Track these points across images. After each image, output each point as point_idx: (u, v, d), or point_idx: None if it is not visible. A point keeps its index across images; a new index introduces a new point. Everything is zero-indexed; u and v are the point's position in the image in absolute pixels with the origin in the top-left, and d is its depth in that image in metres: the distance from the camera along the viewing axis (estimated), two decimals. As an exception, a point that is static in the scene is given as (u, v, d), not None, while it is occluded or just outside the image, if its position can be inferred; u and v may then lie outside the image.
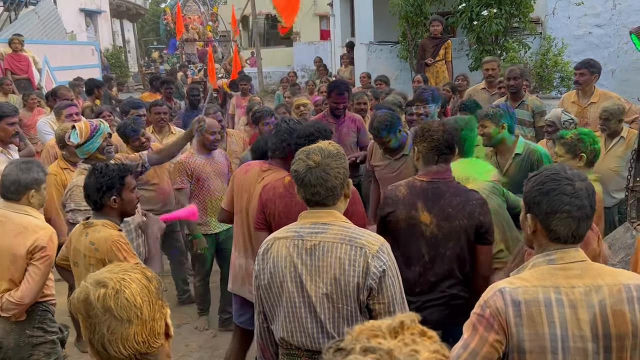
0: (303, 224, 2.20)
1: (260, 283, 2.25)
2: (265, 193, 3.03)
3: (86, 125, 3.66)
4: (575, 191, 1.73)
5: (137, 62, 26.58)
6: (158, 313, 1.41)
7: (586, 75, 5.40)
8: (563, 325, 1.69)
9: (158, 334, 1.41)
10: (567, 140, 3.21)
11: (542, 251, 1.80)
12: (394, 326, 0.92)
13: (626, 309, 1.68)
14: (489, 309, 1.74)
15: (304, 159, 2.14)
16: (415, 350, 0.86)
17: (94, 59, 15.95)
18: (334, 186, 2.13)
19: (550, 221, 1.74)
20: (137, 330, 1.37)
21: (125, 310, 1.35)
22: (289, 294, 2.17)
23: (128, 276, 1.40)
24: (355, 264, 2.08)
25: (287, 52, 25.09)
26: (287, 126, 3.27)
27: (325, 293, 2.12)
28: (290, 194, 2.96)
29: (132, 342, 1.36)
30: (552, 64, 8.63)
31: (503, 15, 8.58)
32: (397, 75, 10.63)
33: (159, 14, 25.16)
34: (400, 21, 10.08)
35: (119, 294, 1.36)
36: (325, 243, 2.12)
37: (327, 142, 2.25)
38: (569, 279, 1.72)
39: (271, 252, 2.22)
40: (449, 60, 8.65)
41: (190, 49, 19.02)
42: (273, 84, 18.45)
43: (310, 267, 2.13)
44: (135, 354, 1.38)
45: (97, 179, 2.80)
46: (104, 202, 2.82)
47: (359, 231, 2.16)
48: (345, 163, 2.19)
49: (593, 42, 9.78)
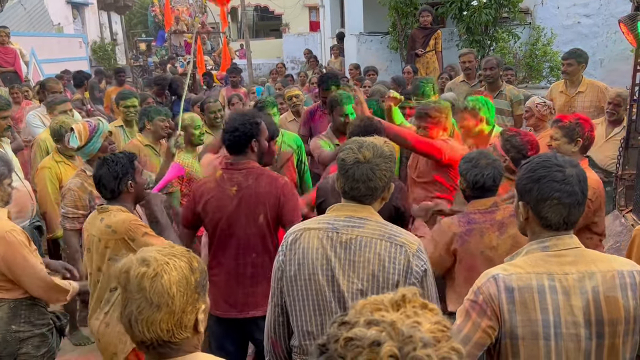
0: (337, 216, 2.13)
1: (284, 274, 2.17)
2: (198, 188, 3.05)
3: (84, 126, 3.54)
4: (565, 178, 1.74)
5: (125, 55, 26.37)
6: (190, 306, 1.42)
7: (573, 65, 5.46)
8: (556, 311, 1.70)
9: (185, 326, 1.42)
10: (565, 124, 3.20)
11: (535, 238, 1.81)
12: (396, 299, 0.94)
13: (619, 295, 1.70)
14: (482, 295, 1.75)
15: (355, 151, 2.05)
16: (418, 322, 0.88)
17: (81, 52, 15.80)
18: (376, 187, 2.05)
19: (541, 208, 1.75)
20: (164, 317, 1.39)
21: (157, 295, 1.37)
22: (318, 287, 2.10)
23: (173, 262, 1.41)
24: (395, 261, 2.03)
25: (277, 44, 24.98)
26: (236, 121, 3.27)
27: (360, 289, 2.06)
28: (221, 188, 2.96)
29: (156, 327, 1.38)
30: (542, 54, 8.69)
31: (492, 6, 8.61)
32: (387, 66, 10.63)
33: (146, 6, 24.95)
34: (390, 12, 10.08)
35: (157, 278, 1.38)
36: (362, 238, 2.06)
37: (384, 140, 2.17)
38: (562, 266, 1.74)
39: (300, 243, 2.13)
40: (439, 51, 8.67)
41: (179, 40, 18.88)
42: (263, 76, 18.36)
43: (344, 262, 2.07)
44: (157, 340, 1.40)
45: (111, 168, 2.86)
46: (122, 189, 2.88)
47: (396, 229, 2.11)
48: (393, 166, 2.11)
49: (582, 32, 9.84)
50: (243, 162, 2.99)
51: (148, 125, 4.54)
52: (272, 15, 30.23)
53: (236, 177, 2.96)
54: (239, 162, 3.00)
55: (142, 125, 4.63)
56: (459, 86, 6.41)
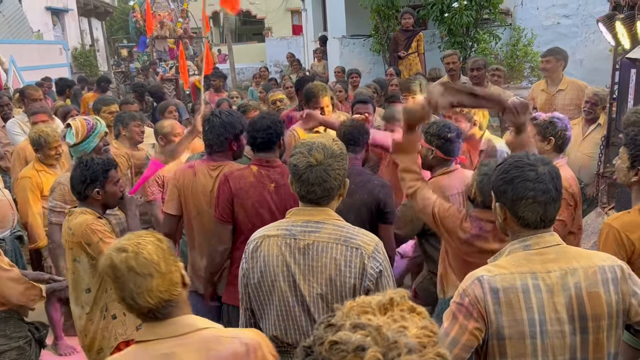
0: (294, 221, 2.14)
1: (249, 281, 2.20)
2: (234, 183, 3.00)
3: (82, 124, 3.51)
4: (538, 176, 1.76)
5: (106, 61, 26.16)
6: (173, 266, 1.65)
7: (552, 63, 5.52)
8: (540, 309, 1.72)
9: (176, 283, 1.65)
10: (539, 121, 3.25)
11: (516, 237, 1.83)
12: (383, 302, 0.93)
13: (601, 290, 1.72)
14: (467, 298, 1.76)
15: (306, 155, 2.06)
16: (404, 327, 0.88)
17: (62, 58, 15.64)
18: (331, 187, 2.06)
19: (517, 208, 1.77)
20: (159, 282, 1.60)
21: (145, 267, 1.59)
22: (281, 293, 2.13)
23: (142, 240, 1.64)
24: (351, 265, 2.04)
25: (260, 48, 24.96)
26: (220, 120, 3.26)
27: (320, 293, 2.08)
28: (261, 183, 2.99)
29: (155, 292, 1.59)
30: (522, 54, 8.77)
31: (473, 7, 8.67)
32: (370, 68, 10.66)
33: (127, 12, 24.77)
34: (372, 15, 10.10)
35: (138, 255, 1.60)
36: (319, 243, 2.07)
37: (332, 138, 2.17)
38: (544, 264, 1.75)
39: (261, 250, 2.15)
40: (421, 53, 8.71)
41: (161, 46, 18.76)
42: (246, 80, 18.34)
43: (303, 267, 2.09)
44: (160, 302, 1.61)
45: (82, 172, 2.92)
46: (88, 194, 2.93)
47: (353, 230, 2.12)
48: (346, 164, 2.13)
49: (561, 32, 9.95)
50: (275, 159, 3.09)
51: (123, 131, 4.50)
52: (254, 19, 30.18)
53: (272, 174, 3.02)
54: (272, 159, 3.08)
55: (117, 132, 4.59)
56: None
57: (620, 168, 2.57)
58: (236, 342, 1.64)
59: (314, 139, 2.16)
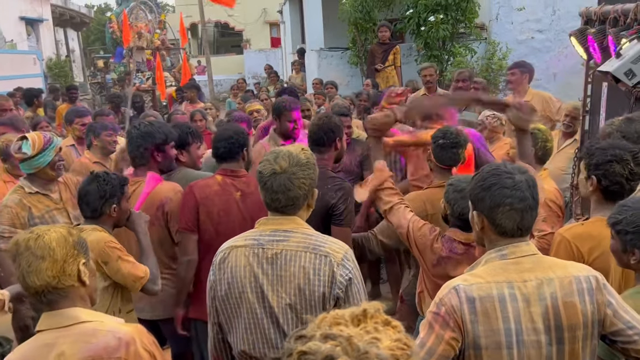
0: (262, 230, 2.11)
1: (216, 294, 2.15)
2: (199, 191, 2.98)
3: (39, 137, 3.37)
4: (515, 184, 1.76)
5: (82, 72, 25.86)
6: (71, 258, 1.76)
7: (517, 75, 5.62)
8: (517, 319, 1.71)
9: (69, 275, 1.75)
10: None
11: (493, 247, 1.82)
12: (357, 314, 0.91)
13: (577, 300, 1.72)
14: (444, 307, 1.74)
15: (271, 162, 2.05)
16: (377, 338, 0.86)
17: (35, 68, 15.38)
18: (296, 196, 2.04)
19: (495, 215, 1.77)
20: (49, 266, 1.72)
21: (40, 249, 1.72)
22: (249, 305, 2.08)
23: (54, 229, 1.78)
24: (320, 273, 2.01)
25: (238, 60, 24.96)
26: (138, 131, 3.22)
27: (289, 303, 2.04)
28: (227, 191, 2.97)
29: (43, 274, 1.72)
30: (497, 68, 8.91)
31: (449, 21, 8.80)
32: (348, 81, 10.72)
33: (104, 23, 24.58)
34: (349, 28, 10.19)
35: (39, 238, 1.74)
36: (287, 252, 2.04)
37: (300, 147, 2.15)
38: (521, 273, 1.75)
39: (229, 261, 2.11)
40: (397, 66, 8.79)
41: (139, 57, 18.62)
42: (224, 92, 18.27)
43: (271, 277, 2.05)
44: (46, 286, 1.73)
45: (101, 186, 2.77)
46: (104, 210, 2.79)
47: (322, 238, 2.09)
48: (313, 173, 2.10)
49: (535, 47, 10.13)
50: (239, 169, 3.09)
51: (95, 141, 4.43)
52: (232, 31, 30.22)
53: (238, 183, 3.03)
54: (237, 169, 3.08)
55: (89, 142, 4.51)
56: (420, 100, 6.49)
57: (580, 180, 2.56)
58: (109, 336, 1.74)
59: (284, 147, 2.14)
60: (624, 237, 2.05)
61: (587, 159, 2.45)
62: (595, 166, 2.39)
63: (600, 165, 2.37)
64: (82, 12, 27.73)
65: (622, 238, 2.05)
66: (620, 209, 2.09)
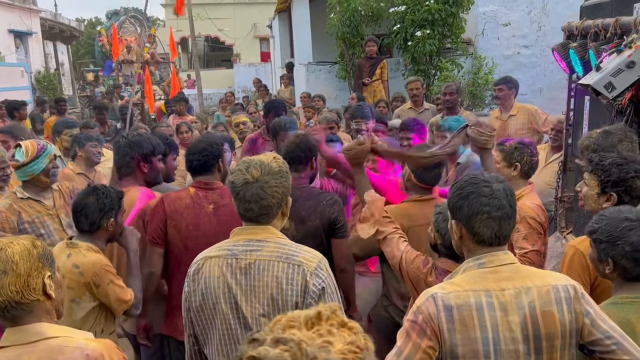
0: (236, 240, 2.10)
1: (190, 305, 2.13)
2: (169, 204, 2.92)
3: (32, 144, 3.39)
4: (493, 192, 1.77)
5: (71, 85, 25.81)
6: (35, 271, 1.70)
7: (504, 91, 5.71)
8: (494, 328, 1.70)
9: (33, 289, 1.69)
10: (505, 147, 3.24)
11: (471, 255, 1.82)
12: (311, 316, 0.91)
13: (555, 309, 1.71)
14: (421, 315, 1.73)
15: (243, 172, 2.04)
16: (329, 342, 0.85)
17: (23, 81, 15.34)
18: (269, 205, 2.03)
19: (473, 223, 1.78)
20: (12, 280, 1.66)
21: (3, 263, 1.66)
22: (223, 315, 2.06)
23: (17, 241, 1.72)
24: (293, 282, 2.00)
25: (228, 74, 25.04)
26: (126, 141, 3.21)
27: (262, 314, 2.02)
28: (198, 205, 2.91)
29: (6, 289, 1.65)
30: (484, 82, 9.00)
31: (436, 36, 8.89)
32: (336, 94, 10.78)
33: (94, 36, 24.60)
34: (337, 42, 10.27)
35: (2, 251, 1.68)
36: (261, 261, 2.02)
37: (272, 156, 2.13)
38: (499, 282, 1.74)
39: (202, 272, 2.09)
40: (385, 80, 8.85)
41: (128, 70, 18.64)
42: (213, 106, 18.30)
43: (245, 287, 2.03)
44: (9, 301, 1.66)
45: (100, 199, 2.73)
46: (102, 224, 2.74)
47: (295, 248, 2.07)
48: (286, 181, 2.09)
49: (521, 62, 10.26)
50: (213, 181, 3.00)
51: (80, 152, 4.42)
52: (223, 45, 30.36)
53: (211, 196, 2.94)
54: (211, 181, 2.99)
55: (73, 153, 4.50)
56: (406, 112, 6.55)
57: (589, 195, 2.54)
58: (77, 352, 1.68)
59: (255, 157, 2.13)
60: (599, 246, 2.06)
61: (602, 175, 2.45)
62: (615, 183, 2.41)
63: (621, 182, 2.39)
64: (72, 25, 27.71)
65: (597, 247, 2.07)
66: (598, 218, 2.11)
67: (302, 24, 11.97)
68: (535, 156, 3.27)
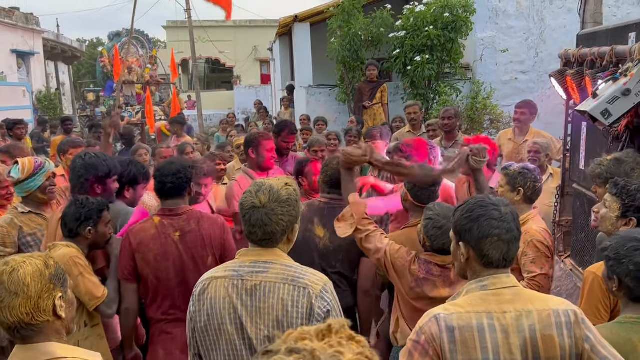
0: (242, 262, 2.11)
1: (196, 325, 2.14)
2: (134, 238, 2.88)
3: (30, 161, 3.47)
4: (502, 215, 1.81)
5: (72, 105, 25.95)
6: (46, 293, 1.70)
7: (527, 115, 5.70)
8: (495, 350, 1.72)
9: (44, 310, 1.70)
10: (510, 172, 3.26)
11: (475, 277, 1.85)
12: (322, 329, 0.94)
13: (555, 333, 1.73)
14: (424, 335, 1.75)
15: (252, 195, 2.06)
16: (340, 352, 0.88)
17: (25, 100, 15.46)
18: (273, 232, 2.04)
19: (483, 246, 1.80)
20: (22, 302, 1.67)
21: (14, 285, 1.67)
22: (228, 336, 2.07)
23: (30, 260, 1.72)
24: (298, 305, 2.01)
25: (228, 96, 25.22)
26: (83, 162, 3.22)
27: (267, 335, 2.03)
28: (164, 234, 2.87)
29: (17, 311, 1.66)
30: (482, 107, 9.08)
31: (435, 61, 9.02)
32: (336, 117, 10.87)
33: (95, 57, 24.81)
34: (338, 66, 10.39)
35: (14, 272, 1.68)
36: (266, 283, 2.03)
37: (284, 182, 2.13)
38: (500, 304, 1.77)
39: (208, 293, 2.10)
40: (385, 103, 8.94)
41: (129, 91, 18.78)
42: (213, 127, 18.41)
43: (250, 309, 2.04)
44: (19, 322, 1.67)
45: (77, 209, 2.93)
46: (79, 232, 2.93)
47: (301, 270, 2.09)
48: (294, 210, 2.09)
49: (519, 87, 10.38)
50: (181, 206, 2.96)
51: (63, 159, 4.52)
52: (223, 67, 30.62)
53: (177, 222, 2.90)
54: (178, 207, 2.95)
55: None
56: (405, 136, 6.62)
57: (607, 217, 2.59)
58: None
59: (268, 180, 2.16)
60: (607, 263, 2.11)
61: (627, 199, 2.53)
62: (638, 209, 2.50)
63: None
64: (73, 46, 28.01)
65: (607, 264, 2.11)
66: (613, 237, 2.16)
67: (303, 47, 12.11)
68: (538, 182, 3.27)
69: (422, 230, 2.75)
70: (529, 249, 3.00)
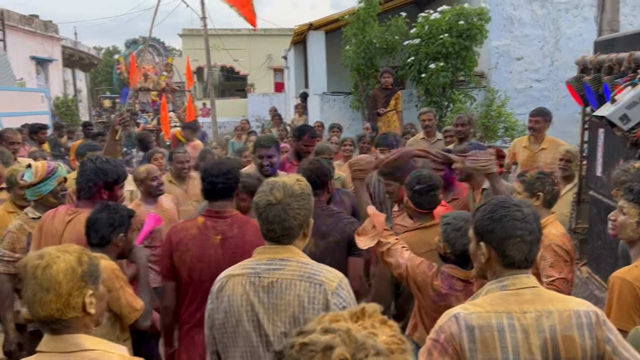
0: (259, 259, 2.14)
1: (214, 323, 2.16)
2: (175, 235, 2.88)
3: (43, 165, 3.49)
4: (524, 216, 1.81)
5: (88, 111, 26.27)
6: (76, 291, 1.73)
7: (541, 123, 5.68)
8: (515, 350, 1.72)
9: (73, 307, 1.73)
10: (527, 178, 3.24)
11: (495, 278, 1.85)
12: (355, 312, 0.97)
13: (576, 334, 1.73)
14: (443, 334, 1.76)
15: (267, 193, 2.09)
16: (374, 333, 0.90)
17: (43, 106, 15.66)
18: (291, 226, 2.08)
19: (505, 246, 1.81)
20: (53, 299, 1.69)
21: (47, 281, 1.69)
22: (245, 333, 2.09)
23: (63, 255, 1.74)
24: (314, 301, 2.03)
25: (242, 103, 25.36)
26: (94, 165, 3.18)
27: (284, 332, 2.04)
28: (205, 236, 2.86)
29: (47, 307, 1.69)
30: (496, 115, 9.06)
31: (449, 69, 9.03)
32: (349, 124, 10.90)
33: (112, 64, 25.14)
34: (352, 73, 10.43)
35: (47, 268, 1.70)
36: (283, 280, 2.06)
37: (296, 178, 2.17)
38: (520, 305, 1.77)
39: (226, 290, 2.13)
40: (399, 111, 8.95)
41: (145, 98, 18.99)
42: (227, 134, 18.53)
43: (267, 306, 2.06)
44: (49, 317, 1.71)
45: (110, 215, 2.84)
46: (112, 239, 2.83)
47: (317, 267, 2.11)
48: (308, 204, 2.12)
49: (534, 96, 10.35)
50: (226, 209, 2.94)
51: None
52: (237, 75, 30.83)
53: (220, 226, 2.89)
54: (224, 209, 2.93)
55: None
56: (419, 143, 6.63)
57: (627, 224, 2.59)
58: None
59: (279, 177, 2.19)
60: None
61: None
62: None
63: None
64: (91, 53, 28.38)
65: None
66: None
67: (317, 55, 12.19)
68: (556, 185, 3.26)
69: (441, 237, 2.73)
70: (548, 253, 3.00)
